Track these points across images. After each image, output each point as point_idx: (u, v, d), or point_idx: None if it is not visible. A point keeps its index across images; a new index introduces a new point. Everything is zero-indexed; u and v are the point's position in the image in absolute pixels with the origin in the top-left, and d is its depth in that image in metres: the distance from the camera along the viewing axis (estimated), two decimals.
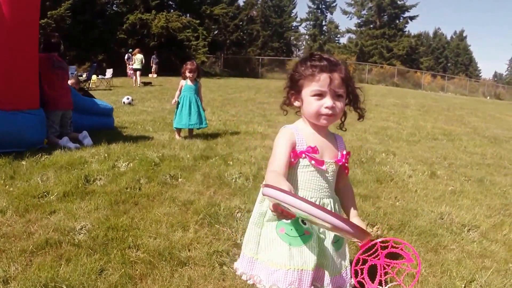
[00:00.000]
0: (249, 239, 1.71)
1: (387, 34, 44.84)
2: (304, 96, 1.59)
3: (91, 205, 3.25)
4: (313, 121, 1.60)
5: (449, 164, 5.41)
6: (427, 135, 7.87)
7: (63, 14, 20.39)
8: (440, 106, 15.97)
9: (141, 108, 9.93)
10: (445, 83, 38.87)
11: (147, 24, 25.46)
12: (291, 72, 1.66)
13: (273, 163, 1.52)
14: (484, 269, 2.51)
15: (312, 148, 1.57)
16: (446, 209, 3.53)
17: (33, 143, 4.81)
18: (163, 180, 4.00)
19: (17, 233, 2.71)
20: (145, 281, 2.21)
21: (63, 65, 5.60)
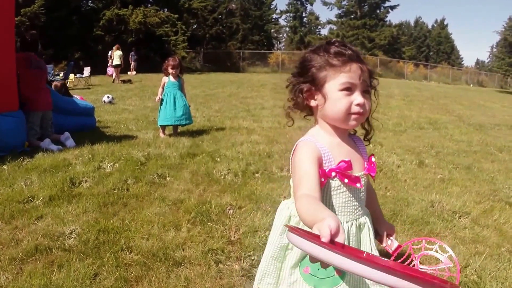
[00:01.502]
0: (266, 273, 1.43)
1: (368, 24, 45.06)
2: (328, 91, 1.26)
3: (79, 208, 3.17)
4: (339, 123, 1.30)
5: (437, 153, 5.46)
6: (413, 125, 7.94)
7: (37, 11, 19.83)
8: (424, 95, 16.14)
9: (122, 107, 9.76)
10: (428, 72, 39.34)
11: (124, 20, 24.97)
12: (305, 64, 1.33)
13: (301, 186, 1.17)
14: (477, 254, 2.54)
15: (346, 162, 1.27)
16: (436, 197, 3.56)
17: (14, 147, 4.66)
18: (151, 180, 3.93)
19: (4, 240, 2.62)
20: (141, 284, 2.16)
21: (40, 64, 5.43)
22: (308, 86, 1.30)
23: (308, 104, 1.33)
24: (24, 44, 5.35)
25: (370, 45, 43.90)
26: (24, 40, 5.36)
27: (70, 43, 22.91)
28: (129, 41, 24.96)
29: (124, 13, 25.00)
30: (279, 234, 1.40)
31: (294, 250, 1.34)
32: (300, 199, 1.13)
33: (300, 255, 1.32)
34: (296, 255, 1.33)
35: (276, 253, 1.40)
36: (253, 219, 2.94)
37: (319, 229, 0.86)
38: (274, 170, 4.39)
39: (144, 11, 25.31)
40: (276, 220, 1.46)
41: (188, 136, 6.11)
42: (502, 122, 9.63)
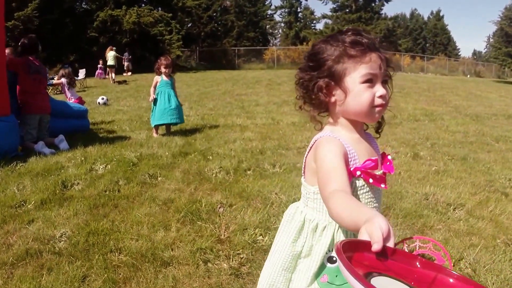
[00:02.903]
0: (273, 285, 1.31)
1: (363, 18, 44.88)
2: (349, 84, 1.16)
3: (70, 211, 3.15)
4: (362, 117, 1.21)
5: (432, 144, 5.43)
6: (408, 117, 7.90)
7: (30, 14, 19.66)
8: (420, 87, 16.10)
9: (117, 108, 9.72)
10: (425, 64, 39.23)
11: (118, 21, 24.83)
12: (319, 56, 1.20)
13: (330, 182, 1.05)
14: (472, 247, 2.51)
15: (373, 161, 1.17)
16: (431, 190, 3.53)
17: (6, 152, 4.63)
18: (142, 180, 3.90)
19: None
20: (129, 285, 2.15)
21: (40, 69, 5.41)
22: (326, 81, 1.18)
23: (330, 101, 1.20)
24: (24, 48, 5.32)
25: None
26: (23, 44, 5.33)
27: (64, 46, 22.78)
28: (123, 41, 24.85)
29: (117, 14, 24.86)
30: (291, 242, 1.26)
31: (307, 259, 1.22)
32: (332, 196, 1.00)
33: (317, 264, 1.20)
34: (311, 265, 1.21)
35: (288, 263, 1.27)
36: (243, 216, 2.91)
37: (369, 232, 0.76)
38: (266, 166, 4.36)
39: (137, 11, 25.18)
40: (286, 225, 1.32)
41: (181, 135, 6.08)
42: (499, 112, 9.61)
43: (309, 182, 1.26)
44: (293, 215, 1.32)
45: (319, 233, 1.21)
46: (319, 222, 1.21)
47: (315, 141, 1.21)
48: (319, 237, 1.21)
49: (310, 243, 1.22)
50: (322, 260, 1.19)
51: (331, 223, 1.19)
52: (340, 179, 1.05)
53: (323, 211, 1.21)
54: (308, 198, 1.27)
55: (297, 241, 1.25)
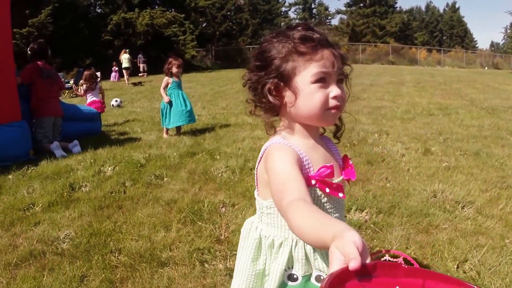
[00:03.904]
0: None
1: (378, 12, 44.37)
2: (299, 85, 1.05)
3: (75, 213, 3.20)
4: (315, 121, 1.10)
5: (444, 139, 5.30)
6: (422, 111, 7.74)
7: (44, 21, 20.08)
8: (436, 80, 15.79)
9: (130, 109, 9.82)
10: (442, 57, 38.46)
11: (132, 23, 25.14)
12: (266, 55, 1.10)
13: (287, 191, 0.94)
14: (478, 247, 2.41)
15: (328, 168, 1.06)
16: (439, 187, 3.43)
17: (18, 156, 4.71)
18: (148, 181, 3.92)
19: (2, 247, 2.68)
20: (125, 285, 2.17)
21: (51, 73, 5.51)
22: (274, 82, 1.07)
23: (276, 103, 1.09)
24: (34, 53, 5.43)
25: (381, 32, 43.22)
26: (33, 49, 5.44)
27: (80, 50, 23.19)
28: (138, 43, 25.12)
29: (131, 17, 25.17)
30: (251, 261, 1.18)
31: (271, 275, 1.14)
32: (291, 208, 0.87)
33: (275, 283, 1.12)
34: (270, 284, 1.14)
35: (252, 283, 1.18)
36: (245, 216, 2.89)
37: (342, 249, 0.65)
38: None
39: (150, 13, 25.43)
40: (243, 243, 1.25)
41: (191, 135, 6.10)
42: None
43: (262, 196, 1.16)
44: (248, 231, 1.23)
45: (276, 250, 1.12)
46: (274, 238, 1.13)
47: (265, 149, 1.11)
48: (275, 254, 1.12)
49: (270, 260, 1.14)
50: (282, 278, 1.11)
51: (287, 239, 1.11)
52: (298, 188, 0.94)
53: (278, 226, 1.12)
54: (262, 213, 1.17)
55: (258, 260, 1.16)
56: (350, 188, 3.51)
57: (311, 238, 0.79)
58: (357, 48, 37.23)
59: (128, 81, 18.22)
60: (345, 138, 5.52)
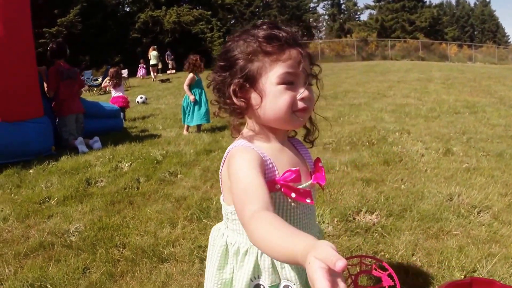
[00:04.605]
0: None
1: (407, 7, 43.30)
2: (265, 86, 1.01)
3: (87, 207, 3.28)
4: (281, 124, 1.06)
5: (468, 139, 5.10)
6: (448, 109, 7.48)
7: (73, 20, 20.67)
8: (466, 77, 15.26)
9: (155, 106, 9.96)
10: (473, 53, 37.12)
11: (159, 21, 25.56)
12: (230, 54, 1.05)
13: (249, 201, 0.88)
14: (489, 257, 2.27)
15: (293, 172, 1.02)
16: (456, 189, 3.29)
17: (40, 151, 4.87)
18: (162, 178, 3.96)
19: (15, 237, 2.80)
20: (124, 278, 2.22)
21: (71, 74, 5.63)
22: (239, 83, 1.03)
23: (241, 105, 1.04)
24: (52, 53, 5.57)
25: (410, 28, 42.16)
26: (52, 49, 5.58)
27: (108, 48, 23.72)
28: (166, 41, 25.46)
29: (158, 14, 25.57)
30: (217, 269, 1.14)
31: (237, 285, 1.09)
32: (253, 220, 0.82)
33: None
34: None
35: None
36: None
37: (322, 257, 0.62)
38: None
39: (177, 11, 25.76)
40: (210, 250, 1.20)
41: (210, 133, 6.13)
42: None
43: (227, 201, 1.12)
44: (215, 238, 1.20)
45: (241, 258, 1.08)
46: (240, 246, 1.08)
47: (228, 152, 1.07)
48: (241, 262, 1.08)
49: (236, 269, 1.10)
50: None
51: (253, 247, 1.05)
52: (260, 197, 0.88)
53: (243, 233, 1.07)
54: (227, 219, 1.13)
55: (225, 268, 1.12)
56: (362, 189, 3.44)
57: (276, 251, 0.75)
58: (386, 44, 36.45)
59: (155, 78, 18.52)
60: (364, 137, 5.42)
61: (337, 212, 2.95)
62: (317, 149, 4.92)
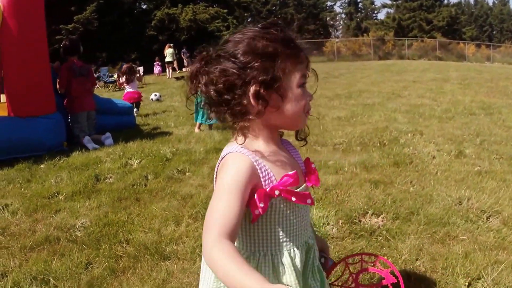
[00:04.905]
0: None
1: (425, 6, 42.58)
2: (288, 88, 1.01)
3: (94, 203, 3.32)
4: (292, 125, 1.07)
5: (481, 141, 4.99)
6: (463, 110, 7.34)
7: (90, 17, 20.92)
8: (483, 77, 14.96)
9: (169, 104, 10.00)
10: (491, 53, 36.26)
11: (175, 19, 25.69)
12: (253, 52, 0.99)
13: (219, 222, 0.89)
14: (496, 264, 2.21)
15: (291, 176, 1.01)
16: (466, 193, 3.22)
17: (52, 147, 4.94)
18: (170, 175, 3.98)
19: (22, 231, 2.85)
20: (125, 274, 2.25)
21: (83, 71, 5.66)
22: (263, 84, 0.97)
23: (259, 108, 0.99)
24: (65, 50, 5.63)
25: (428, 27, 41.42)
26: (65, 45, 5.64)
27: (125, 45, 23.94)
28: (182, 39, 25.59)
29: (174, 12, 25.71)
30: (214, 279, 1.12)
31: None
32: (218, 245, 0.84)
33: None
34: None
35: None
36: None
37: None
38: None
39: (193, 9, 25.86)
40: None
41: (222, 131, 6.12)
42: None
43: None
44: None
45: None
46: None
47: (222, 158, 1.03)
48: None
49: None
50: None
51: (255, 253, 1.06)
52: (229, 223, 0.88)
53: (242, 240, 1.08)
54: None
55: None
56: (370, 191, 3.40)
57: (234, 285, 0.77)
58: (403, 43, 35.89)
59: (170, 75, 18.64)
60: (376, 138, 5.36)
61: (342, 214, 2.92)
62: (327, 149, 4.88)
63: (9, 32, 4.51)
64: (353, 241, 2.54)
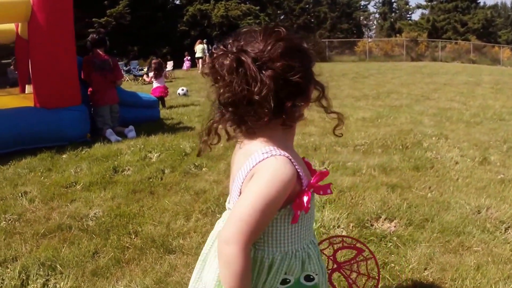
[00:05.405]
0: None
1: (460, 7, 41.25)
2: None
3: (109, 194, 3.39)
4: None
5: (508, 148, 4.79)
6: (492, 116, 7.08)
7: (122, 11, 21.35)
8: None
9: (195, 98, 10.08)
10: None
11: (207, 15, 25.93)
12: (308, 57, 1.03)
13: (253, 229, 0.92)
14: (509, 278, 2.10)
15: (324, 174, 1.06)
16: (486, 202, 3.10)
17: (75, 137, 5.07)
18: (187, 170, 4.01)
19: (37, 218, 2.95)
20: (130, 265, 2.29)
21: (104, 65, 5.71)
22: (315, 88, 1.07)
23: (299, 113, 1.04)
24: (93, 42, 5.74)
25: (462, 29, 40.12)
26: (93, 38, 5.75)
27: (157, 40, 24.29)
28: (213, 34, 25.78)
29: (206, 8, 25.93)
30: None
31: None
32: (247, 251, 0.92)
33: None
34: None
35: None
36: None
37: None
38: (314, 163, 4.20)
39: (225, 5, 26.00)
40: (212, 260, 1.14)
41: None
42: None
43: None
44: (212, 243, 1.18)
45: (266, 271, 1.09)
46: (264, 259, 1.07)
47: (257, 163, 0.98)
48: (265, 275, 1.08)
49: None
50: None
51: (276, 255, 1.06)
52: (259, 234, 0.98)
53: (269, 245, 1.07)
54: None
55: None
56: (386, 195, 3.32)
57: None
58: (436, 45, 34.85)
59: (200, 70, 18.86)
60: (398, 140, 5.23)
61: (354, 217, 2.87)
62: (347, 150, 4.81)
63: (37, 24, 4.66)
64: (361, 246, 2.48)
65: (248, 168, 0.99)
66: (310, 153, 4.60)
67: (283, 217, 1.02)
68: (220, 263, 0.95)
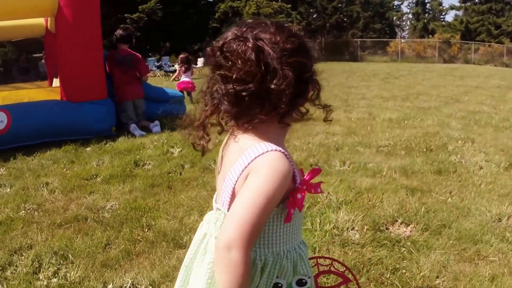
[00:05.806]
0: None
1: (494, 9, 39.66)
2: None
3: (127, 187, 3.45)
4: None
5: None
6: None
7: (154, 7, 21.64)
8: None
9: None
10: None
11: (239, 12, 26.00)
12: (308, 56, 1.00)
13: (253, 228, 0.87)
14: None
15: (317, 171, 1.03)
16: (508, 210, 2.97)
17: (100, 131, 5.18)
18: (206, 166, 4.03)
19: (55, 208, 3.05)
20: (139, 258, 2.33)
21: (125, 60, 5.73)
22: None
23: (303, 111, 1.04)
24: (118, 37, 5.82)
25: (496, 31, 38.53)
26: (119, 33, 5.84)
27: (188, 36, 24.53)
28: None
29: (237, 5, 26.03)
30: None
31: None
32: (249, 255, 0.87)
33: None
34: None
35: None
36: None
37: None
38: (335, 163, 4.15)
39: (257, 2, 26.03)
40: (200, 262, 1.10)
41: None
42: None
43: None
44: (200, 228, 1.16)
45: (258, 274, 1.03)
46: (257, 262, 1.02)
47: (252, 160, 0.93)
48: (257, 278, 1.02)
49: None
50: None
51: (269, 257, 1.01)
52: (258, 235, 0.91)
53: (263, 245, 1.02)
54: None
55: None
56: (405, 198, 3.25)
57: None
58: (469, 47, 33.66)
59: None
60: (423, 143, 5.10)
61: (369, 219, 2.82)
62: (370, 151, 4.73)
63: (64, 19, 4.78)
64: (373, 250, 2.43)
65: (243, 165, 0.95)
66: (332, 153, 4.55)
67: (276, 216, 0.97)
68: (220, 270, 0.87)
